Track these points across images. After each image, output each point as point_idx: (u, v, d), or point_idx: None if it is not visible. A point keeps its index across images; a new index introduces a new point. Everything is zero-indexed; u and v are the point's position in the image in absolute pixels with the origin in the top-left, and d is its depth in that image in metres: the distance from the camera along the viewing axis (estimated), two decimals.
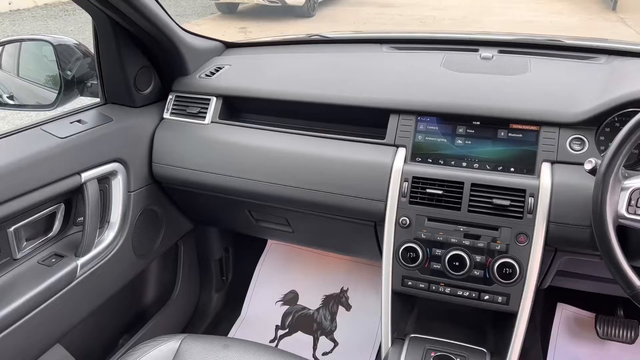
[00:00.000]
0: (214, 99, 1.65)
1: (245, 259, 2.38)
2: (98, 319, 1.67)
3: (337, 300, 2.26)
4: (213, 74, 1.71)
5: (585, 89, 1.38)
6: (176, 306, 2.05)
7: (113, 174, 1.52)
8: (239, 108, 1.71)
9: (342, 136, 1.50)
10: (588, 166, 1.12)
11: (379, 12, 10.41)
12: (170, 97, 1.70)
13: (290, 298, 2.31)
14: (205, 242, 2.16)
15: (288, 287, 2.33)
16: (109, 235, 1.53)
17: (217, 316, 2.26)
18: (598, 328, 1.93)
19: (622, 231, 1.24)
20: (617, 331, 1.90)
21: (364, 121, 1.54)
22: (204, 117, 1.65)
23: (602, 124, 1.32)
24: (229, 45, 1.94)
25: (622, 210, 1.04)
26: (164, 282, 2.02)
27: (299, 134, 1.55)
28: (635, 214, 1.03)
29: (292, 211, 1.60)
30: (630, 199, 1.04)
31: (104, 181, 1.51)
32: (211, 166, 1.57)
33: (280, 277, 2.35)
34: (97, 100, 1.63)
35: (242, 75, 1.70)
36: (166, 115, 1.69)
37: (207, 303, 2.24)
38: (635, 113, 1.07)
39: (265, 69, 1.72)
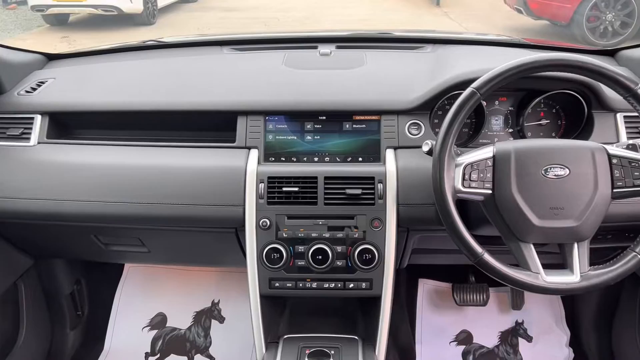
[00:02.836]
0: (38, 117, 1.48)
1: (101, 288, 2.18)
2: None
3: (209, 315, 2.17)
4: (35, 89, 1.53)
5: (416, 77, 1.48)
6: (23, 354, 1.80)
7: None
8: (71, 124, 1.54)
9: (191, 143, 1.43)
10: (425, 148, 1.19)
11: (223, 16, 10.29)
12: None
13: (158, 321, 2.16)
14: (50, 277, 1.93)
15: (154, 310, 2.19)
16: None
17: (76, 355, 2.04)
18: (455, 296, 2.09)
19: (463, 204, 1.35)
20: (471, 296, 2.08)
21: (213, 126, 1.49)
22: (29, 139, 1.46)
23: (433, 107, 1.42)
24: (53, 57, 1.75)
25: (459, 185, 1.12)
26: (4, 330, 1.76)
27: (143, 146, 1.44)
28: (470, 187, 1.12)
29: (144, 230, 1.49)
30: (464, 174, 1.12)
31: None
32: (42, 192, 1.39)
33: (144, 301, 2.19)
34: None
35: (69, 88, 1.54)
36: None
37: (62, 343, 2.01)
38: (460, 95, 1.16)
39: (96, 79, 1.58)
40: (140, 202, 1.37)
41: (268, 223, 1.33)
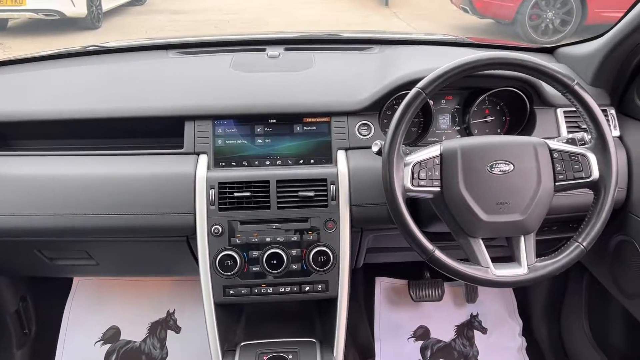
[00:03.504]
0: None
1: (49, 304, 2.09)
2: None
3: (164, 325, 2.12)
4: None
5: (364, 78, 1.49)
6: None
7: None
8: (8, 135, 1.47)
9: (137, 151, 1.39)
10: (375, 148, 1.20)
11: (171, 19, 10.08)
12: None
13: (111, 335, 2.10)
14: None
15: (107, 323, 2.11)
16: None
17: None
18: (411, 292, 2.12)
19: (414, 202, 1.36)
20: (426, 292, 2.11)
21: (160, 132, 1.45)
22: None
23: (382, 108, 1.44)
24: None
25: (408, 184, 1.13)
26: None
27: (86, 155, 1.39)
28: (419, 185, 1.13)
29: (91, 242, 1.44)
30: (412, 173, 1.13)
31: None
32: None
33: (96, 314, 2.12)
34: None
35: (5, 97, 1.46)
36: None
37: None
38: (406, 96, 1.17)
39: (33, 87, 1.51)
40: (85, 213, 1.32)
41: (220, 230, 1.31)
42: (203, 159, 1.36)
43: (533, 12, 6.90)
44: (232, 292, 1.34)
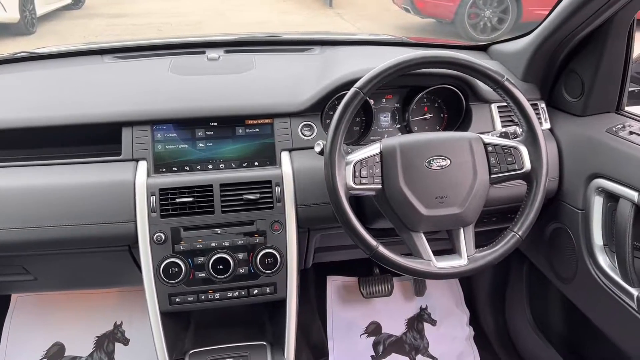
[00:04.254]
0: None
1: None
2: None
3: (111, 338, 2.05)
4: None
5: (305, 79, 1.49)
6: None
7: None
8: None
9: (74, 160, 1.34)
10: (317, 148, 1.21)
11: (111, 23, 9.76)
12: None
13: (55, 352, 2.01)
14: None
15: (50, 340, 2.03)
16: None
17: None
18: (362, 289, 2.15)
19: (358, 200, 1.38)
20: (376, 288, 2.15)
21: (97, 139, 1.40)
22: None
23: (324, 108, 1.44)
24: None
25: (350, 182, 1.14)
26: None
27: (20, 165, 1.33)
28: (361, 183, 1.15)
29: (28, 256, 1.38)
30: (354, 171, 1.15)
31: None
32: None
33: (38, 331, 2.03)
34: None
35: None
36: None
37: None
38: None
39: None
40: (19, 227, 1.26)
41: (163, 237, 1.28)
42: (142, 166, 1.33)
43: (471, 11, 7.12)
44: (178, 300, 1.31)
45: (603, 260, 1.38)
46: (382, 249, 1.14)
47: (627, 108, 1.51)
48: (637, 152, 1.27)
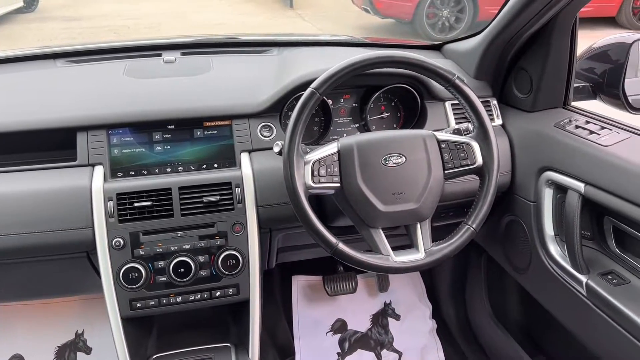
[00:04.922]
0: None
1: None
2: None
3: (73, 348, 2.01)
4: None
5: (263, 80, 1.50)
6: None
7: None
8: None
9: (27, 166, 1.31)
10: (276, 149, 1.22)
11: (66, 26, 9.49)
12: None
13: None
14: None
15: (7, 353, 1.97)
16: None
17: None
18: (326, 287, 2.17)
19: (319, 199, 1.40)
20: (341, 285, 2.17)
21: (51, 145, 1.37)
22: None
23: (283, 108, 1.46)
24: None
25: (309, 181, 1.16)
26: None
27: None
28: (319, 182, 1.16)
29: None
30: (313, 170, 1.16)
31: None
32: None
33: None
34: None
35: None
36: None
37: None
38: None
39: None
40: None
41: (122, 242, 1.27)
42: (99, 170, 1.31)
43: (430, 11, 7.25)
44: (139, 305, 1.30)
45: (554, 249, 1.44)
46: (342, 246, 1.15)
47: (573, 103, 1.57)
48: (582, 145, 1.33)
